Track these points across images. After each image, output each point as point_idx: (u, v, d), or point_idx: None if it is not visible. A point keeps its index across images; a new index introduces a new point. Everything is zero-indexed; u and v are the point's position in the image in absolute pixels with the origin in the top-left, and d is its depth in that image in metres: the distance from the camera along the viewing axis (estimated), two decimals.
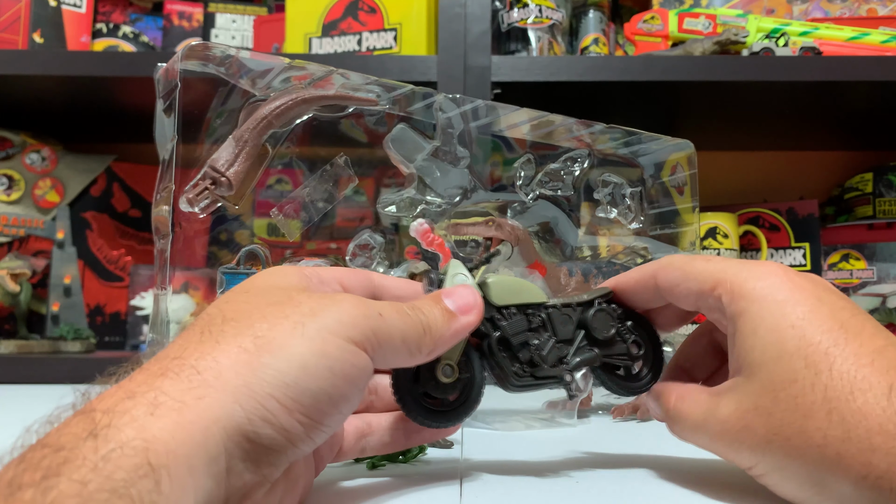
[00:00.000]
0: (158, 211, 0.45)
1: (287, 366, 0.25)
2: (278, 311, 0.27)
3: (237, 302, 0.28)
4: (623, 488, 0.35)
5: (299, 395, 0.25)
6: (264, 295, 0.28)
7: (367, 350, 0.28)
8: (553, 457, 0.42)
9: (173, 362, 0.25)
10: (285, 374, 0.25)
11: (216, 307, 0.28)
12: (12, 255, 1.01)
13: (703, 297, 0.34)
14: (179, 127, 0.45)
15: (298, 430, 0.25)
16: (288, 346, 0.26)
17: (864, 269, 0.98)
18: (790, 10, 0.99)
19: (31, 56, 0.93)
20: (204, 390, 0.24)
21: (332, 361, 0.26)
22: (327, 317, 0.27)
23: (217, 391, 0.24)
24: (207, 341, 0.26)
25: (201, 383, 0.24)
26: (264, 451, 0.25)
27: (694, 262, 0.35)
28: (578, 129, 0.60)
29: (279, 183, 0.97)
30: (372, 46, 0.92)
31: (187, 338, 0.26)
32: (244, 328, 0.26)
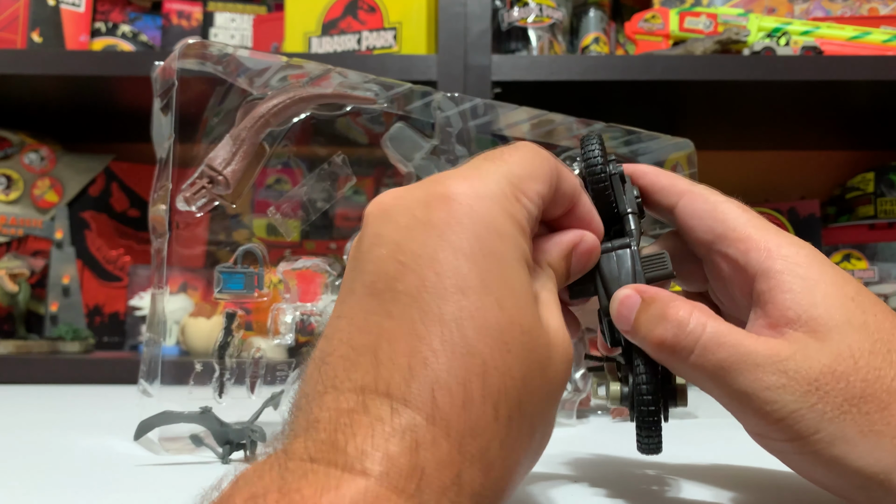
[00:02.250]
0: (155, 210, 0.45)
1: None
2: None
3: (480, 302, 0.23)
4: (623, 488, 0.34)
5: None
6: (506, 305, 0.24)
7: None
8: (552, 456, 0.42)
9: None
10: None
11: (451, 299, 0.23)
12: (11, 255, 1.01)
13: (725, 241, 0.31)
14: (176, 126, 0.45)
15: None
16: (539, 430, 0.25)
17: (866, 269, 0.98)
18: (791, 9, 0.99)
19: (30, 55, 0.93)
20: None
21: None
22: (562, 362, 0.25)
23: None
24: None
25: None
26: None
27: (729, 205, 0.32)
28: (578, 128, 0.60)
29: (277, 182, 0.97)
30: (372, 45, 0.92)
31: (444, 387, 0.21)
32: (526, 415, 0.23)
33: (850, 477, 0.27)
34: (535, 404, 0.23)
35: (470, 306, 0.22)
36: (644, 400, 0.30)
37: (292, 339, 0.50)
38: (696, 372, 0.28)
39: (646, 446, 0.31)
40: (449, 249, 0.23)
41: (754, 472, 0.39)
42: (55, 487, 0.35)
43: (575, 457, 0.43)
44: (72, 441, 0.47)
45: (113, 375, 0.82)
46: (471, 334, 0.22)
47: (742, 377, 0.27)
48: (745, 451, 0.45)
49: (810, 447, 0.27)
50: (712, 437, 0.52)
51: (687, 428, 0.55)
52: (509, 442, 0.22)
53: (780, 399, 0.27)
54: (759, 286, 0.30)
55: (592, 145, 0.34)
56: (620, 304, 0.30)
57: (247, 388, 0.47)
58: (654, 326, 0.29)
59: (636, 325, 0.30)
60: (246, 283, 0.47)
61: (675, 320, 0.29)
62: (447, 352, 0.22)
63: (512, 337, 0.23)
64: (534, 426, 0.24)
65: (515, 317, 0.23)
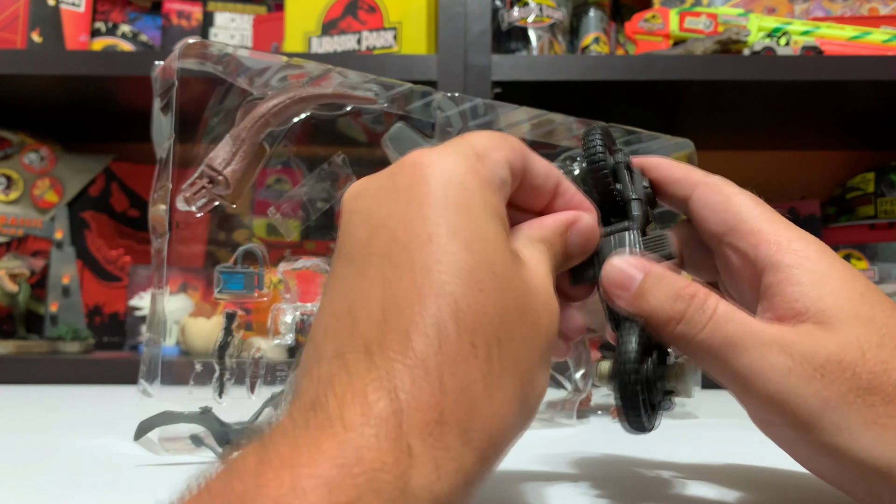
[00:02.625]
0: (155, 210, 0.45)
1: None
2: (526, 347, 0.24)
3: (461, 268, 0.23)
4: (623, 488, 0.34)
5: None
6: (484, 266, 0.23)
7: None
8: (552, 456, 0.42)
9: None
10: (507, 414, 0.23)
11: (435, 256, 0.23)
12: (11, 255, 1.01)
13: (736, 234, 0.31)
14: (176, 125, 0.45)
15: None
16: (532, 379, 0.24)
17: (866, 269, 0.97)
18: (791, 9, 0.99)
19: (30, 55, 0.93)
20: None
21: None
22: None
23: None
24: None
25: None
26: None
27: (742, 197, 0.32)
28: (578, 128, 0.60)
29: (277, 182, 0.97)
30: (372, 45, 0.92)
31: (418, 346, 0.21)
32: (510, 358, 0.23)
33: (853, 468, 0.27)
34: (516, 345, 0.23)
35: (439, 251, 0.23)
36: (627, 369, 0.29)
37: (292, 339, 0.50)
38: (702, 348, 0.28)
39: (630, 422, 0.30)
40: (416, 205, 0.24)
41: (754, 472, 0.39)
42: (55, 487, 0.35)
43: (575, 457, 0.43)
44: (72, 441, 0.47)
45: (113, 375, 0.82)
46: (442, 277, 0.22)
47: (748, 354, 0.28)
48: (745, 451, 0.45)
49: (813, 435, 0.27)
50: (712, 437, 0.52)
51: (687, 428, 0.55)
52: (492, 381, 0.22)
53: (785, 382, 0.27)
54: (768, 279, 0.30)
55: (594, 136, 0.34)
56: (618, 270, 0.30)
57: (247, 388, 0.47)
58: (665, 301, 0.29)
59: (641, 296, 0.29)
60: (246, 284, 0.47)
61: (688, 295, 0.29)
62: (419, 295, 0.22)
63: (483, 276, 0.23)
64: (519, 371, 0.23)
65: (485, 259, 0.23)
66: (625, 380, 0.29)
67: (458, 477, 0.20)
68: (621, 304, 0.30)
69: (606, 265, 0.31)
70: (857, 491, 0.28)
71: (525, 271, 0.26)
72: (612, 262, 0.31)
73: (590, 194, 0.34)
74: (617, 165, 0.34)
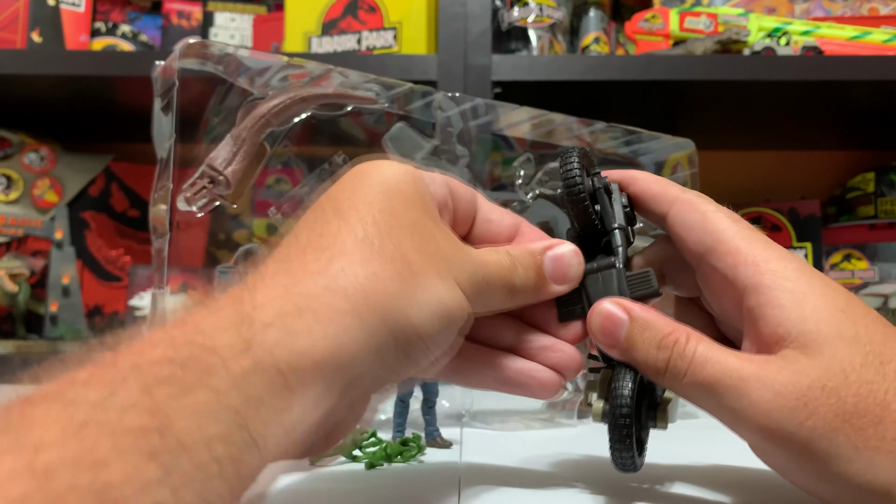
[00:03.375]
0: (156, 210, 0.45)
1: (428, 301, 0.26)
2: (421, 239, 0.28)
3: (386, 207, 0.28)
4: (623, 489, 0.34)
5: (429, 331, 0.26)
6: (404, 211, 0.28)
7: (477, 301, 0.29)
8: (552, 457, 0.42)
9: (338, 278, 0.25)
10: (425, 308, 0.26)
11: (364, 204, 0.28)
12: (10, 255, 1.01)
13: (714, 255, 0.31)
14: (177, 125, 0.45)
15: (420, 360, 0.27)
16: (430, 281, 0.27)
17: (866, 269, 0.98)
18: (792, 9, 0.99)
19: (30, 55, 0.92)
20: (361, 312, 0.24)
21: (455, 308, 0.28)
22: (454, 263, 0.28)
23: (372, 315, 0.25)
24: (370, 258, 0.26)
25: (361, 303, 0.24)
26: (385, 372, 0.26)
27: (719, 215, 0.32)
28: (579, 128, 0.60)
29: (278, 182, 0.97)
30: (372, 45, 0.92)
31: (345, 241, 0.26)
32: (396, 246, 0.27)
33: (853, 492, 0.27)
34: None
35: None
36: (621, 413, 0.30)
37: None
38: (689, 392, 0.29)
39: (620, 463, 0.31)
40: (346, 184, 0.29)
41: (755, 472, 0.39)
42: None
43: (576, 457, 0.43)
44: None
45: None
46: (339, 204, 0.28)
47: (729, 394, 0.28)
48: (745, 452, 0.45)
49: (808, 464, 0.27)
50: (712, 438, 0.52)
51: (687, 428, 0.55)
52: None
53: (770, 416, 0.27)
54: (749, 302, 0.30)
55: (570, 162, 0.34)
56: (605, 319, 0.31)
57: None
58: (650, 351, 0.30)
59: (629, 345, 0.30)
60: None
61: (671, 343, 0.29)
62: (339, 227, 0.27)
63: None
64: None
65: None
66: (620, 422, 0.30)
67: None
68: (611, 354, 0.31)
69: (592, 313, 0.31)
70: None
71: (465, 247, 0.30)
72: (598, 310, 0.31)
73: (570, 218, 0.34)
74: (596, 190, 0.34)
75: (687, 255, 0.33)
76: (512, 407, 0.57)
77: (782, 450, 0.28)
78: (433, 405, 0.46)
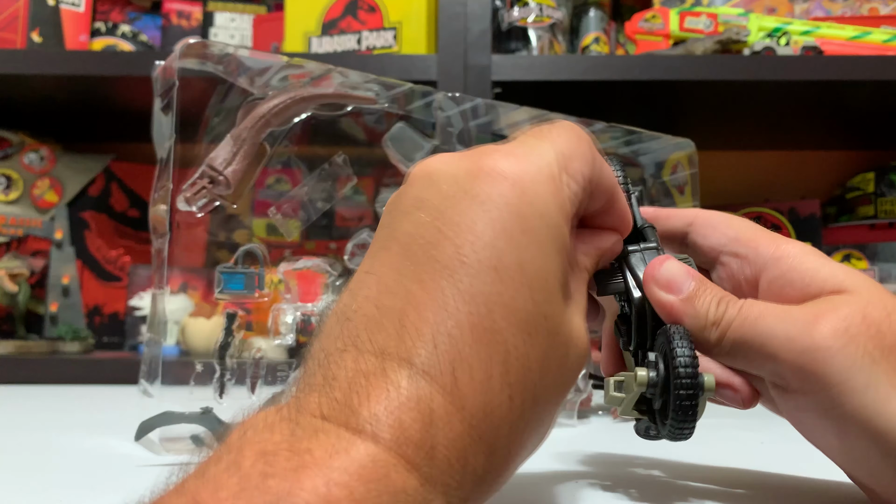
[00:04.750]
0: (156, 210, 0.45)
1: (540, 435, 0.25)
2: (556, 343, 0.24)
3: (503, 254, 0.23)
4: (623, 489, 0.34)
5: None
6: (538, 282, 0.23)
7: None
8: (553, 457, 0.42)
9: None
10: (535, 442, 0.24)
11: (468, 245, 0.23)
12: (10, 255, 1.01)
13: (737, 242, 0.33)
14: (177, 126, 0.45)
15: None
16: (547, 411, 0.24)
17: (866, 269, 0.97)
18: (791, 9, 0.99)
19: (30, 55, 0.92)
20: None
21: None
22: (578, 357, 0.25)
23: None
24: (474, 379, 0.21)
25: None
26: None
27: (740, 218, 0.35)
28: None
29: (278, 182, 0.97)
30: (371, 45, 0.92)
31: (439, 338, 0.21)
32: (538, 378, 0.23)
33: (876, 440, 0.26)
34: (548, 396, 0.23)
35: (501, 288, 0.22)
36: (684, 384, 0.28)
37: (293, 339, 0.50)
38: (735, 347, 0.29)
39: (678, 432, 0.29)
40: (489, 223, 0.23)
41: (755, 472, 0.39)
42: (55, 487, 0.35)
43: (576, 457, 0.43)
44: (72, 441, 0.47)
45: (113, 375, 0.82)
46: (498, 318, 0.22)
47: (774, 327, 0.28)
48: (745, 452, 0.46)
49: (842, 398, 0.26)
50: (712, 438, 0.52)
51: None
52: (518, 428, 0.22)
53: (810, 341, 0.27)
54: (770, 274, 0.31)
55: (613, 165, 0.35)
56: (672, 269, 0.31)
57: (248, 388, 0.47)
58: (712, 305, 0.30)
59: (694, 295, 0.30)
60: (247, 284, 0.47)
61: (728, 299, 0.30)
62: (473, 331, 0.21)
63: (538, 326, 0.23)
64: (542, 418, 0.24)
65: (543, 306, 0.23)
66: (681, 395, 0.28)
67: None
68: (667, 304, 0.30)
69: (658, 266, 0.31)
70: (879, 473, 0.27)
71: (570, 312, 0.25)
72: (667, 264, 0.31)
73: None
74: (629, 194, 0.35)
75: (707, 250, 0.35)
76: None
77: (815, 381, 0.27)
78: None
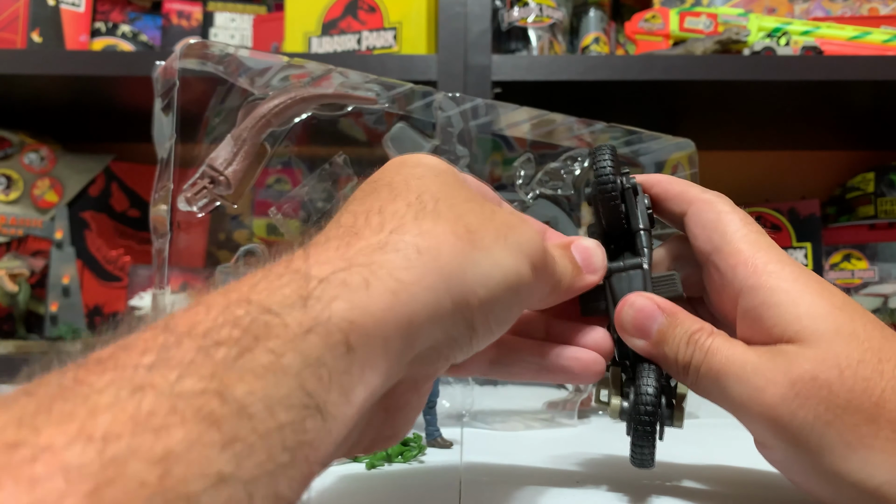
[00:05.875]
0: (156, 210, 0.45)
1: (492, 270, 0.25)
2: (480, 210, 0.27)
3: (438, 182, 0.27)
4: (624, 489, 0.34)
5: (493, 303, 0.25)
6: (456, 187, 0.28)
7: (536, 279, 0.28)
8: (553, 457, 0.42)
9: (391, 236, 0.24)
10: (489, 278, 0.25)
11: (415, 179, 0.27)
12: (10, 255, 1.01)
13: (719, 254, 0.32)
14: (178, 126, 0.45)
15: (482, 334, 0.26)
16: (493, 250, 0.26)
17: (866, 269, 0.98)
18: (791, 9, 0.99)
19: (30, 55, 0.92)
20: (422, 272, 0.23)
21: (521, 281, 0.27)
22: (521, 235, 0.27)
23: (433, 276, 0.23)
24: (425, 218, 0.25)
25: (420, 265, 0.23)
26: (449, 345, 0.25)
27: (733, 216, 0.32)
28: (579, 128, 0.60)
29: (278, 182, 0.97)
30: (372, 45, 0.92)
31: (400, 208, 0.25)
32: (457, 215, 0.26)
33: (847, 491, 0.27)
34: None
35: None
36: (646, 410, 0.30)
37: None
38: (703, 384, 0.30)
39: (639, 459, 0.31)
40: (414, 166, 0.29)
41: (754, 472, 0.39)
42: None
43: (576, 457, 0.43)
44: None
45: None
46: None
47: (732, 382, 0.29)
48: (745, 451, 0.45)
49: (801, 458, 0.27)
50: (712, 437, 0.52)
51: (687, 428, 0.55)
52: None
53: (764, 403, 0.27)
54: (745, 303, 0.30)
55: (604, 159, 0.34)
56: (638, 311, 0.31)
57: None
58: (680, 347, 0.30)
59: (661, 338, 0.31)
60: None
61: (697, 339, 0.30)
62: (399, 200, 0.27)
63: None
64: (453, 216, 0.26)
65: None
66: (644, 420, 0.30)
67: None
68: (638, 349, 0.31)
69: (625, 305, 0.31)
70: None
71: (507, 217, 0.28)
72: (631, 302, 0.31)
73: (597, 215, 0.34)
74: (625, 189, 0.34)
75: (697, 252, 0.33)
76: (512, 407, 0.57)
77: (779, 441, 0.28)
78: (434, 405, 0.46)
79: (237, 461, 0.17)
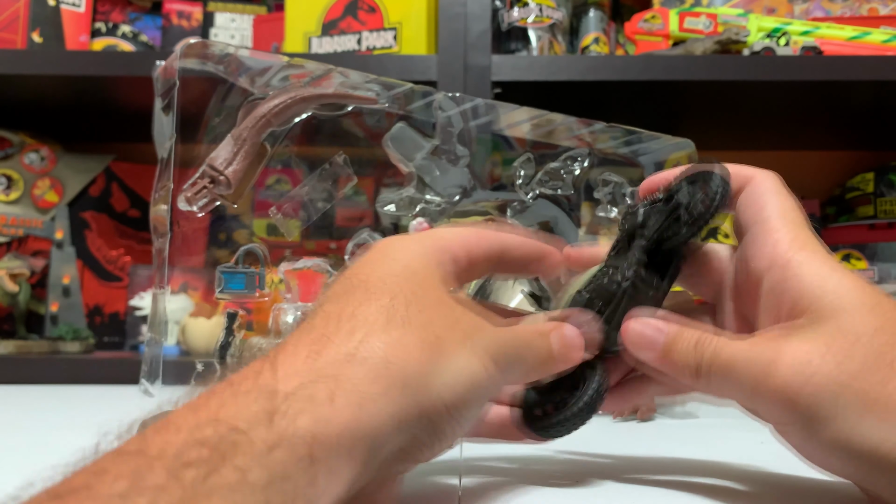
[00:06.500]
0: (156, 210, 0.45)
1: (458, 376, 0.26)
2: (448, 314, 0.28)
3: (412, 284, 0.28)
4: (623, 489, 0.34)
5: (459, 405, 0.26)
6: (430, 288, 0.29)
7: (502, 374, 0.29)
8: (553, 455, 0.42)
9: (360, 345, 0.25)
10: (456, 383, 0.26)
11: (391, 277, 0.28)
12: (11, 255, 1.01)
13: (760, 228, 0.33)
14: (178, 125, 0.45)
15: (449, 433, 0.27)
16: (460, 355, 0.27)
17: (866, 269, 0.98)
18: (791, 9, 0.99)
19: (30, 55, 0.93)
20: (388, 384, 0.24)
21: (488, 380, 0.27)
22: (485, 337, 0.28)
23: (399, 388, 0.24)
24: (394, 327, 0.26)
25: (387, 376, 0.24)
26: (417, 446, 0.26)
27: (780, 197, 0.34)
28: (579, 128, 0.60)
29: (278, 182, 0.97)
30: (372, 46, 0.92)
31: (372, 313, 0.26)
32: (425, 322, 0.27)
33: (863, 460, 0.27)
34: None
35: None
36: (592, 407, 0.33)
37: None
38: (714, 383, 0.31)
39: (554, 433, 0.34)
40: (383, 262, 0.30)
41: (754, 472, 0.39)
42: None
43: (576, 457, 0.43)
44: (72, 441, 0.47)
45: (113, 375, 0.82)
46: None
47: (739, 368, 0.29)
48: (745, 451, 0.46)
49: (816, 428, 0.27)
50: (712, 437, 0.52)
51: (687, 428, 0.55)
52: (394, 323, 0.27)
53: (776, 380, 0.28)
54: (772, 276, 0.31)
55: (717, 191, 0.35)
56: (639, 334, 0.33)
57: None
58: (689, 353, 0.31)
59: (668, 350, 0.32)
60: (247, 284, 0.47)
61: (701, 343, 0.31)
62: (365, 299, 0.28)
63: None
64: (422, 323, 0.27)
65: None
66: (584, 415, 0.34)
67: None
68: (647, 362, 0.33)
69: (628, 330, 0.33)
70: (881, 487, 0.27)
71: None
72: (637, 324, 0.33)
73: (642, 228, 0.34)
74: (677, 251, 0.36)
75: (740, 222, 0.34)
76: None
77: (794, 417, 0.28)
78: None
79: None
